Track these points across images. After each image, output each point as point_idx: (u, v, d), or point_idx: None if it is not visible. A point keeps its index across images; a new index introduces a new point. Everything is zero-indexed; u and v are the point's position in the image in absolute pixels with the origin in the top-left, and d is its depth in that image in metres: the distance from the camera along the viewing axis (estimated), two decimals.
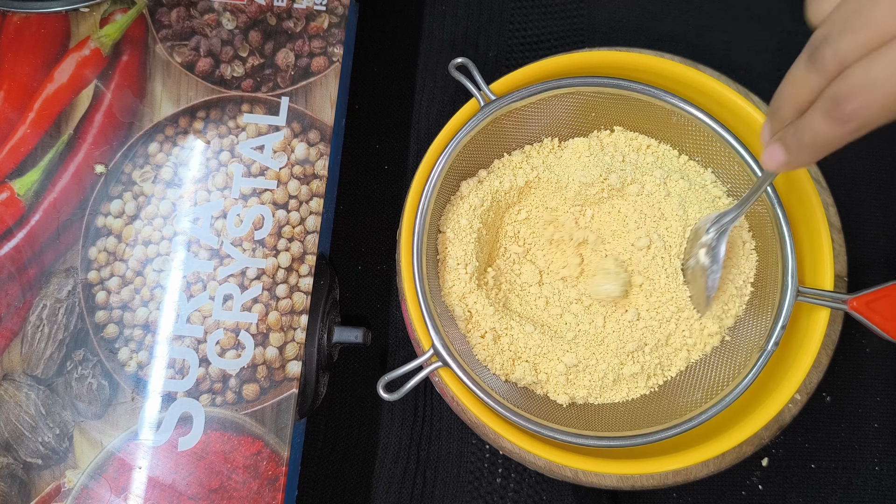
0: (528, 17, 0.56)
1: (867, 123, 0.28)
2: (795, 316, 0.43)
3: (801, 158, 0.32)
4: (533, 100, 0.43)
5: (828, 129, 0.29)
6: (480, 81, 0.43)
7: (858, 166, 0.52)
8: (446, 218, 0.44)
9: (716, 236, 0.41)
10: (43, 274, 0.44)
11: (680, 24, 0.55)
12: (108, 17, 0.47)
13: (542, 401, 0.43)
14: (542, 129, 0.46)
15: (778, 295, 0.41)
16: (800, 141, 0.31)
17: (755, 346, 0.41)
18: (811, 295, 0.40)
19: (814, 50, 0.29)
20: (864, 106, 0.27)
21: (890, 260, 0.51)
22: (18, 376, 0.42)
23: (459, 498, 0.47)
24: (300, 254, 0.44)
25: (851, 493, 0.48)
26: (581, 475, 0.42)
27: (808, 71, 0.29)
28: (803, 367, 0.40)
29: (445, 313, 0.43)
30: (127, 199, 0.45)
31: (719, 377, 0.42)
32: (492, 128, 0.44)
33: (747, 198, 0.39)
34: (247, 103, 0.46)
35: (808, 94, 0.30)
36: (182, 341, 0.43)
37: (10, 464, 0.41)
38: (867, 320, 0.40)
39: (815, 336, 0.40)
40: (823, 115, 0.29)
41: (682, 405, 0.41)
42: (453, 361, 0.39)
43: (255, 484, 0.41)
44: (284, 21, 0.47)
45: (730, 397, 0.39)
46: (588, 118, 0.46)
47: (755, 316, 0.43)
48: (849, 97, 0.27)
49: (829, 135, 0.29)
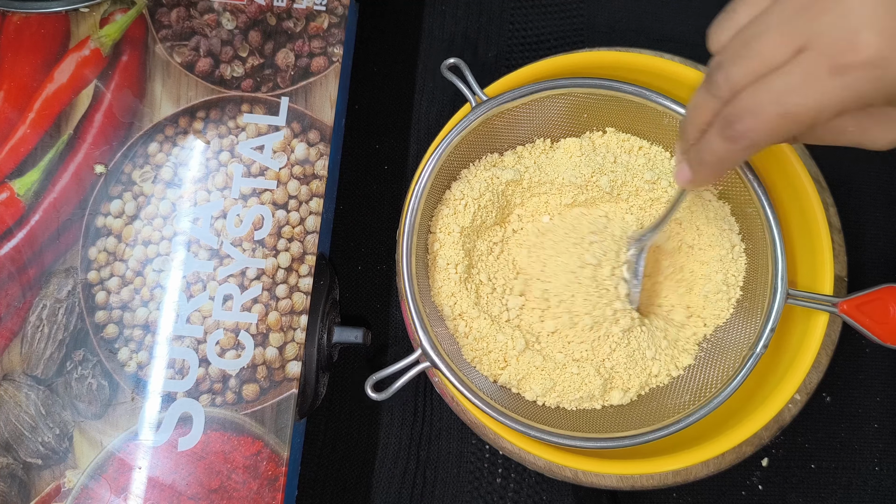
0: (528, 17, 0.56)
1: (756, 142, 0.30)
2: (793, 318, 0.43)
3: (703, 174, 0.34)
4: (525, 100, 0.43)
5: (722, 147, 0.31)
6: (472, 82, 0.43)
7: (858, 166, 0.52)
8: (437, 219, 0.44)
9: (636, 253, 0.43)
10: (43, 274, 0.44)
11: (680, 24, 0.55)
12: (108, 18, 0.47)
13: (530, 404, 0.43)
14: (535, 130, 0.46)
15: (768, 297, 0.41)
16: (700, 159, 0.33)
17: (746, 349, 0.41)
18: (801, 298, 0.40)
19: (710, 75, 0.32)
20: (752, 127, 0.30)
21: (890, 260, 0.51)
22: (18, 376, 0.42)
23: (459, 498, 0.47)
24: (300, 254, 0.44)
25: (851, 493, 0.48)
26: (581, 475, 0.42)
27: (706, 95, 0.32)
28: (803, 368, 0.40)
29: (435, 313, 0.43)
30: (127, 199, 0.45)
31: (708, 380, 0.42)
32: (484, 128, 0.44)
33: (664, 217, 0.41)
34: (247, 103, 0.46)
35: (707, 116, 0.32)
36: (182, 341, 0.43)
37: (10, 464, 0.41)
38: (858, 324, 0.40)
39: (813, 339, 0.40)
40: (718, 134, 0.31)
41: (671, 407, 0.41)
42: (441, 362, 0.39)
43: (255, 484, 0.41)
44: (284, 21, 0.47)
45: (718, 399, 0.39)
46: (580, 119, 0.46)
47: (746, 319, 0.43)
48: (738, 119, 0.30)
49: (724, 152, 0.32)
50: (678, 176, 0.36)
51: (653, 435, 0.39)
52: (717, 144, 0.32)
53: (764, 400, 0.40)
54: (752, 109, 0.29)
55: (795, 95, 0.28)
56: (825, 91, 0.28)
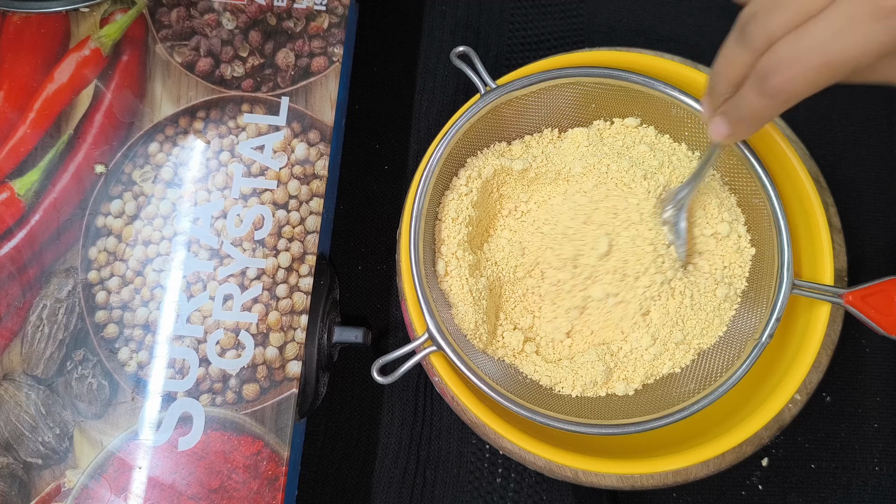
0: (528, 17, 0.56)
1: (797, 93, 0.29)
2: (795, 313, 0.43)
3: (741, 130, 0.34)
4: (534, 89, 0.43)
5: (759, 102, 0.31)
6: (482, 70, 0.43)
7: (858, 166, 0.52)
8: (444, 205, 0.44)
9: (675, 212, 0.42)
10: (43, 274, 0.44)
11: (680, 24, 0.55)
12: (108, 17, 0.47)
13: (535, 387, 0.43)
14: (543, 119, 0.46)
15: (773, 288, 0.41)
16: (738, 114, 0.33)
17: (750, 339, 0.41)
18: (807, 288, 0.40)
19: (743, 27, 0.31)
20: (792, 78, 0.29)
21: (890, 260, 0.51)
22: (18, 376, 0.42)
23: (459, 498, 0.47)
24: (300, 254, 0.44)
25: (851, 493, 0.48)
26: (581, 475, 0.42)
27: (738, 48, 0.31)
28: (803, 367, 0.40)
29: (441, 299, 0.43)
30: (127, 199, 0.45)
31: (714, 369, 0.42)
32: (492, 116, 0.44)
33: (699, 171, 0.40)
34: (247, 103, 0.46)
35: (740, 70, 0.31)
36: (182, 341, 0.43)
37: (10, 464, 0.41)
38: (863, 314, 0.40)
39: (815, 334, 0.40)
40: (755, 89, 0.31)
41: (676, 396, 0.41)
42: (447, 345, 0.40)
43: (255, 484, 0.41)
44: (284, 21, 0.47)
45: (723, 388, 0.39)
46: (588, 109, 0.46)
47: (751, 309, 0.43)
48: (778, 70, 0.29)
49: (762, 108, 0.31)
50: (714, 131, 0.35)
51: (655, 423, 0.39)
52: (754, 99, 0.31)
53: (764, 400, 0.40)
54: (790, 61, 0.29)
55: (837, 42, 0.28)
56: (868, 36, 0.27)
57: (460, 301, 0.43)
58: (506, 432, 0.40)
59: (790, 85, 0.29)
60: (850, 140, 0.53)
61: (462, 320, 0.43)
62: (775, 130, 0.44)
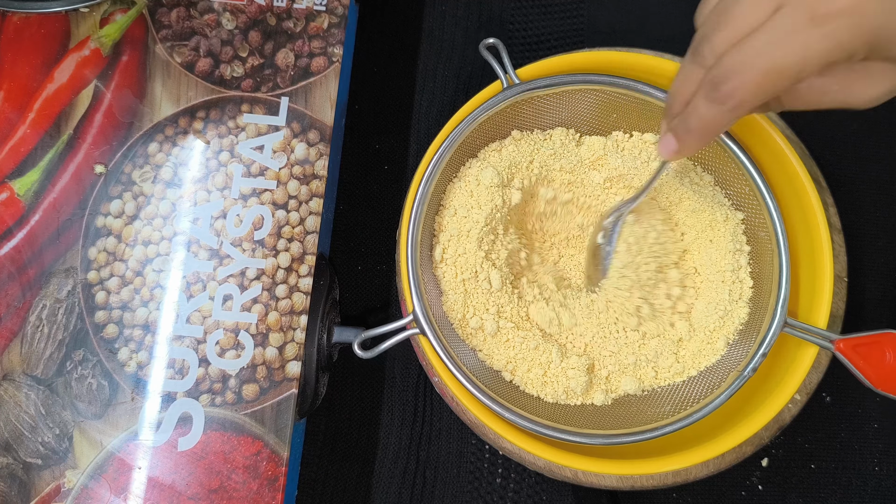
0: (528, 17, 0.56)
1: (743, 101, 0.31)
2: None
3: (689, 143, 0.34)
4: (557, 90, 0.43)
5: (709, 110, 0.32)
6: (507, 63, 0.43)
7: (858, 166, 0.52)
8: (449, 194, 0.44)
9: (613, 221, 0.43)
10: (43, 274, 0.44)
11: (680, 24, 0.55)
12: (108, 18, 0.47)
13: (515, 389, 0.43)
14: (561, 121, 0.46)
15: (765, 323, 0.40)
16: (686, 126, 0.33)
17: (735, 369, 0.41)
18: (799, 329, 0.40)
19: (696, 48, 0.32)
20: (738, 86, 0.30)
21: (890, 261, 0.51)
22: (18, 376, 0.42)
23: (459, 498, 0.47)
24: (300, 254, 0.44)
25: (851, 493, 0.48)
26: (581, 475, 0.42)
27: (690, 66, 0.33)
28: (803, 367, 0.40)
29: (434, 284, 0.43)
30: (127, 199, 0.45)
31: (692, 394, 0.42)
32: (510, 111, 0.44)
33: (643, 189, 0.41)
34: (247, 103, 0.46)
35: (692, 87, 0.33)
36: (182, 341, 0.43)
37: (9, 464, 0.41)
38: (852, 365, 0.39)
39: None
40: (705, 98, 0.32)
41: (650, 415, 0.41)
42: (429, 327, 0.40)
43: (255, 484, 0.41)
44: (284, 21, 0.47)
45: (698, 415, 0.39)
46: (609, 119, 0.45)
47: (742, 338, 0.42)
48: (724, 79, 0.30)
49: (711, 116, 0.32)
50: (662, 147, 0.36)
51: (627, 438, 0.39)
52: (704, 108, 0.32)
53: (764, 400, 0.40)
54: (736, 68, 0.30)
55: (778, 49, 0.29)
56: (807, 42, 0.29)
57: (451, 289, 0.43)
58: (505, 432, 0.40)
59: (737, 92, 0.30)
60: (850, 140, 0.53)
61: (450, 308, 0.42)
62: (775, 131, 0.43)
